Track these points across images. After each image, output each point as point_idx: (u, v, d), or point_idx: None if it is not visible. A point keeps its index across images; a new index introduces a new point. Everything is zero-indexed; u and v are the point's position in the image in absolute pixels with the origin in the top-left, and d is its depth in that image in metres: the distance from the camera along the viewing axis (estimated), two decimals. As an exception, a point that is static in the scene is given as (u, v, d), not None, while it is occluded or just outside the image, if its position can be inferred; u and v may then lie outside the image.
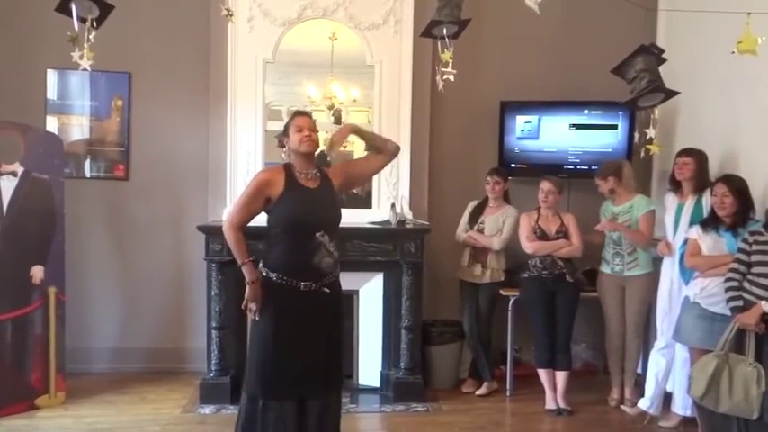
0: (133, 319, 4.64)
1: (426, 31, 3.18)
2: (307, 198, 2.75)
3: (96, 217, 4.60)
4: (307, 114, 2.91)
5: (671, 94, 3.24)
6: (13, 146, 3.87)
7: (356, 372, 4.35)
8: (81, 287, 4.44)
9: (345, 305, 3.42)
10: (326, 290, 2.75)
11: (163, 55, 4.54)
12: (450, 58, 3.01)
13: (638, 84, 3.07)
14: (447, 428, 3.75)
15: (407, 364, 4.17)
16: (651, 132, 3.26)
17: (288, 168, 2.80)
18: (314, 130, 2.80)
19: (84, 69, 2.75)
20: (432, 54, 4.19)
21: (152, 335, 4.63)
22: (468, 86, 4.36)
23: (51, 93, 4.53)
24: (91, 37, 2.74)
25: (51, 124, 4.51)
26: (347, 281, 2.95)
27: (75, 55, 2.75)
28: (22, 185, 3.88)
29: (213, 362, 4.08)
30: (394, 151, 2.95)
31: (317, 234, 2.70)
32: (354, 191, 4.37)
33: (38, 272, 3.92)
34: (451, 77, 3.03)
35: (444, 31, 3.06)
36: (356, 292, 4.30)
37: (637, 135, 3.86)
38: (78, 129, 4.57)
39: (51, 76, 4.52)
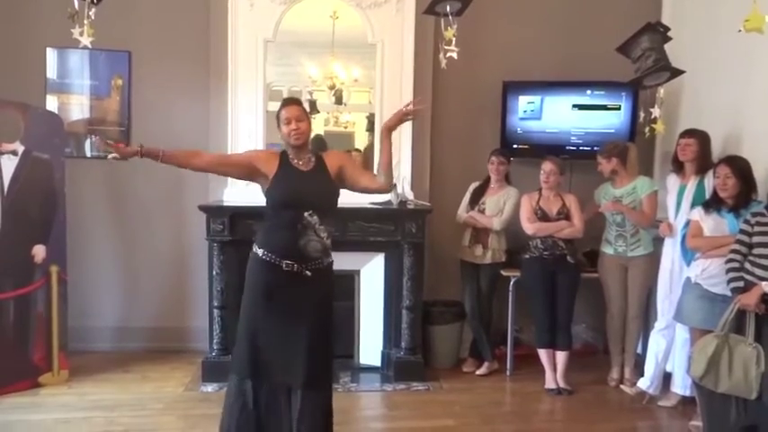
0: (135, 298, 4.66)
1: (429, 9, 3.14)
2: (297, 178, 2.76)
3: (97, 196, 4.60)
4: (294, 102, 2.85)
5: (677, 72, 3.22)
6: (13, 125, 3.86)
7: (357, 351, 4.38)
8: (83, 266, 4.45)
9: (341, 287, 3.33)
10: (308, 273, 2.70)
11: (163, 33, 4.51)
12: (454, 36, 2.99)
13: (644, 62, 3.06)
14: (447, 407, 3.79)
15: (408, 343, 4.19)
16: (656, 111, 3.24)
17: (284, 154, 2.83)
18: (302, 119, 2.76)
19: (85, 46, 2.72)
20: (434, 33, 4.15)
21: (154, 314, 4.65)
22: (470, 66, 4.33)
23: (51, 72, 4.50)
24: (91, 13, 2.71)
25: (51, 103, 4.49)
26: (348, 261, 2.95)
27: (76, 32, 2.71)
28: (23, 165, 3.87)
29: (215, 341, 4.10)
30: (385, 187, 2.86)
31: (306, 213, 2.68)
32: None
33: (39, 251, 3.93)
34: (455, 55, 3.00)
35: (447, 8, 3.03)
36: (357, 272, 4.31)
37: (642, 114, 3.82)
38: (78, 108, 4.55)
39: (51, 55, 4.48)
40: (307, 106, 3.11)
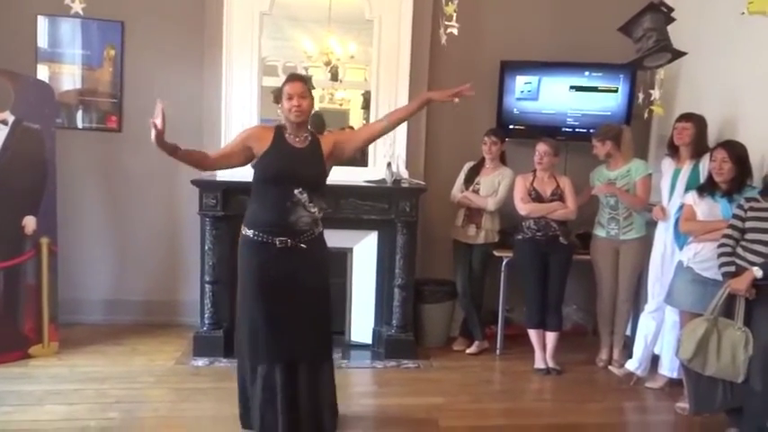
0: (126, 271, 4.63)
1: (429, -16, 3.10)
2: (290, 154, 2.76)
3: (89, 168, 4.55)
4: (299, 79, 2.82)
5: (678, 54, 3.19)
6: (3, 94, 3.80)
7: (348, 328, 4.39)
8: (73, 238, 4.42)
9: (333, 264, 3.34)
10: (303, 246, 2.73)
11: (157, 3, 4.43)
12: (455, 12, 2.95)
13: (645, 43, 3.03)
14: (437, 385, 3.81)
15: (399, 321, 4.21)
16: (656, 93, 3.21)
17: (279, 129, 2.82)
18: (305, 96, 2.76)
19: (77, 13, 2.68)
20: (432, 10, 4.10)
21: (145, 288, 4.63)
22: (468, 45, 4.29)
23: (42, 40, 4.41)
24: (83, -20, 2.65)
25: (42, 73, 4.41)
26: (342, 238, 2.95)
27: (67, -3, 2.66)
28: (13, 134, 3.82)
29: (206, 315, 4.10)
30: (383, 132, 2.95)
31: (296, 191, 2.70)
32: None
33: (30, 222, 3.90)
34: (455, 31, 2.97)
35: (448, -16, 3.00)
36: (350, 249, 4.30)
37: (641, 96, 3.78)
38: (70, 78, 4.47)
39: (42, 23, 4.39)
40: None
